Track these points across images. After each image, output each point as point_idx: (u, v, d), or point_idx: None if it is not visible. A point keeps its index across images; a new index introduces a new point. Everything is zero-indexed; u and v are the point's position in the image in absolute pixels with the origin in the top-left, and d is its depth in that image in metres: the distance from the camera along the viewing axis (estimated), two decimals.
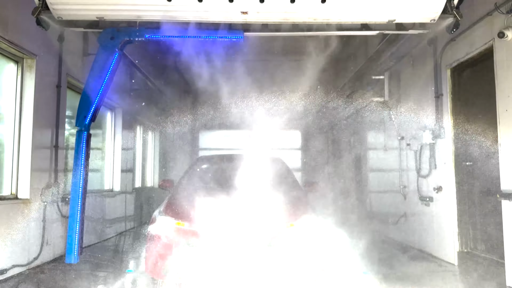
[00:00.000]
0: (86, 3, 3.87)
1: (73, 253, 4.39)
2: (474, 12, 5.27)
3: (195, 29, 4.10)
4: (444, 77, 6.09)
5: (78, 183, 4.45)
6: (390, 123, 8.33)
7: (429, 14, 3.89)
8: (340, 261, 6.01)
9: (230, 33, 4.18)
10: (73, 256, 4.36)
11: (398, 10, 3.85)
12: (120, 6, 3.89)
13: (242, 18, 3.95)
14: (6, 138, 5.28)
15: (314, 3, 3.71)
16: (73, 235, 4.43)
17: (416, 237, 7.07)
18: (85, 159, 4.48)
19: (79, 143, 4.48)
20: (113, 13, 4.00)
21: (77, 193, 4.42)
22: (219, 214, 4.40)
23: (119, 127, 9.06)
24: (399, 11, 3.85)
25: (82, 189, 4.47)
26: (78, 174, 4.44)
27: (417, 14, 3.90)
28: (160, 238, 4.33)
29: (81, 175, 4.46)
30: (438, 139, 6.21)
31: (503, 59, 4.72)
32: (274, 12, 3.88)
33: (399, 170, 7.85)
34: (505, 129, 4.67)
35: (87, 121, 4.47)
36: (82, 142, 4.46)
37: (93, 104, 4.45)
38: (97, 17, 4.04)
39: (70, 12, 3.97)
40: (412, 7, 3.83)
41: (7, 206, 4.95)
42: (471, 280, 4.98)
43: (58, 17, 4.00)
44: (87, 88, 4.50)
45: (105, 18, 4.06)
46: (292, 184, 5.65)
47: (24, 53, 5.31)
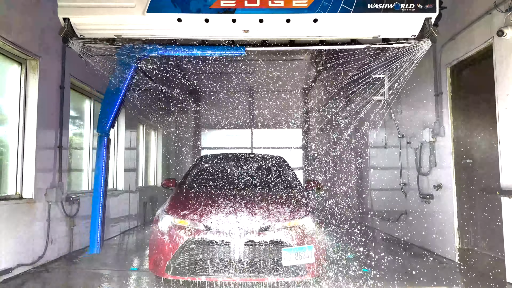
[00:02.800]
0: (105, 23, 4.41)
1: (95, 245, 4.84)
2: (473, 10, 5.31)
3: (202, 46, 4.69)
4: (444, 75, 6.13)
5: (99, 182, 4.90)
6: (390, 121, 8.37)
7: (410, 31, 4.41)
8: (340, 258, 6.07)
9: (233, 48, 4.72)
10: (95, 248, 4.83)
11: (382, 28, 4.37)
12: (136, 26, 4.44)
13: (243, 35, 4.51)
14: (10, 138, 5.35)
15: (307, 23, 4.29)
16: (96, 229, 4.87)
17: (416, 235, 7.11)
18: (106, 161, 4.96)
19: (100, 147, 4.94)
20: (129, 32, 4.55)
21: (98, 191, 4.86)
22: (222, 212, 4.45)
23: (122, 127, 9.13)
24: (383, 28, 4.38)
25: (103, 188, 4.90)
26: (99, 174, 4.91)
27: (399, 31, 4.42)
28: (164, 236, 4.39)
29: (102, 175, 4.91)
30: (438, 137, 6.25)
31: (502, 58, 4.75)
32: (272, 31, 4.44)
33: (400, 168, 7.89)
34: (505, 127, 4.71)
35: (108, 127, 4.96)
36: (103, 146, 4.93)
37: (112, 112, 4.94)
38: (115, 36, 4.59)
39: (91, 31, 4.52)
40: (394, 25, 4.35)
41: (12, 206, 5.02)
42: (471, 276, 5.03)
43: (80, 36, 4.55)
44: (106, 97, 5.02)
45: (122, 36, 4.60)
46: (293, 182, 5.70)
47: (27, 54, 5.37)
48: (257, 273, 4.20)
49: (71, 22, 4.43)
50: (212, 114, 14.38)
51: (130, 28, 4.48)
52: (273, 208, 4.56)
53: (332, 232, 8.92)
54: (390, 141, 8.54)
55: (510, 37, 4.61)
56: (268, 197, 4.92)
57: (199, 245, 4.24)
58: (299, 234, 4.33)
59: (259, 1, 4.25)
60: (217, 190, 5.35)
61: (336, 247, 7.03)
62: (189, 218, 4.42)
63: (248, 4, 4.24)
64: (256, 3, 4.25)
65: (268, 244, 4.24)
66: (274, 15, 4.27)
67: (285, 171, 5.94)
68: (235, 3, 4.26)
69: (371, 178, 10.03)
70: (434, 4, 4.28)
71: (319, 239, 4.47)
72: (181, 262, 4.26)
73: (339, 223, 10.84)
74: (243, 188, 5.46)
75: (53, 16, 5.99)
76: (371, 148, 10.09)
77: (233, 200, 4.77)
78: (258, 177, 5.73)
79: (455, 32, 5.76)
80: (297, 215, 4.51)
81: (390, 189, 8.52)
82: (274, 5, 4.23)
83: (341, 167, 13.55)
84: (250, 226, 4.28)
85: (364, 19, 4.28)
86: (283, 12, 4.25)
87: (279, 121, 14.74)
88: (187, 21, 4.34)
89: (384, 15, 4.23)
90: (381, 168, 9.26)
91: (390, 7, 4.20)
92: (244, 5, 4.24)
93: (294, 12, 4.25)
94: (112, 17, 4.35)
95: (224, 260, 4.21)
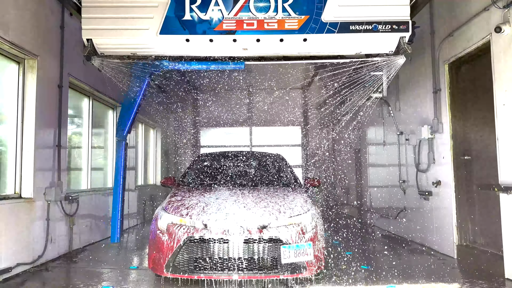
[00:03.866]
0: (123, 43, 5.12)
1: (116, 235, 5.65)
2: (471, 7, 5.31)
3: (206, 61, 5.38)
4: (442, 72, 6.13)
5: (119, 180, 5.72)
6: (388, 118, 8.38)
7: (387, 48, 5.14)
8: (339, 255, 6.09)
9: (233, 63, 5.42)
10: (116, 237, 5.64)
11: (363, 45, 5.09)
12: (149, 45, 5.11)
13: (243, 53, 5.22)
14: (9, 138, 5.35)
15: (297, 42, 5.02)
16: (116, 221, 5.64)
17: (415, 231, 7.13)
18: (124, 162, 5.77)
19: (119, 150, 5.81)
20: (143, 50, 5.23)
21: (118, 188, 5.68)
22: (221, 210, 4.46)
23: None
24: (364, 46, 5.10)
25: (122, 186, 5.68)
26: (119, 173, 5.75)
27: (378, 48, 5.14)
28: (163, 234, 4.40)
29: (121, 175, 5.72)
30: (436, 133, 6.26)
31: (500, 54, 4.76)
32: (267, 49, 5.14)
33: (398, 165, 7.90)
34: (503, 123, 4.72)
35: (125, 133, 5.76)
36: (121, 149, 5.78)
37: (129, 120, 5.75)
38: (131, 53, 5.29)
39: (110, 50, 5.23)
40: (374, 44, 5.06)
41: (11, 205, 5.02)
42: (469, 272, 5.04)
43: (101, 53, 5.25)
44: (124, 107, 5.83)
45: (137, 54, 5.30)
46: (292, 180, 5.71)
47: (25, 54, 5.37)
48: (256, 271, 4.22)
49: (93, 42, 5.13)
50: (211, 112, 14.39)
51: (144, 47, 5.15)
52: (272, 206, 4.57)
53: (331, 229, 8.94)
54: (389, 138, 8.55)
55: (507, 34, 4.61)
56: (267, 195, 4.93)
57: (198, 243, 4.25)
58: (298, 231, 4.34)
59: (256, 24, 4.97)
60: (216, 188, 5.36)
61: (335, 244, 7.05)
62: (188, 216, 4.43)
63: (247, 27, 4.97)
64: (254, 25, 4.98)
65: (267, 242, 4.25)
66: (269, 36, 5.00)
67: (284, 169, 5.95)
68: (235, 26, 4.99)
69: (370, 175, 10.05)
70: (407, 25, 4.96)
71: (317, 237, 4.48)
72: (180, 260, 4.27)
73: (338, 220, 10.87)
74: (242, 186, 5.47)
75: (51, 16, 6.01)
76: (370, 145, 10.11)
77: (232, 198, 4.78)
78: (257, 175, 5.74)
79: (453, 28, 5.76)
80: (296, 213, 4.52)
81: (388, 186, 8.53)
82: (269, 27, 4.97)
83: (340, 165, 13.57)
84: (249, 224, 4.29)
85: (347, 39, 5.00)
86: (277, 33, 4.98)
87: (278, 119, 14.76)
88: (194, 41, 5.04)
89: (364, 35, 4.95)
90: (380, 165, 9.27)
91: (369, 28, 4.93)
92: (243, 28, 4.97)
93: (286, 33, 4.98)
94: (129, 38, 5.06)
95: (223, 258, 4.22)
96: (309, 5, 4.99)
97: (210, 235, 4.25)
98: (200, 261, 4.25)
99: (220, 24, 5.01)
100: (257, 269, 4.23)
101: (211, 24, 5.01)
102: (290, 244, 4.24)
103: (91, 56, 5.22)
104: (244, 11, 5.03)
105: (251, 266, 4.22)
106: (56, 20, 6.15)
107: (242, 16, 5.02)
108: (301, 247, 4.25)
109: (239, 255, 4.21)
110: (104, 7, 5.02)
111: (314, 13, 4.99)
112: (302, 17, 4.99)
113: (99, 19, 5.02)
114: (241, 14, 5.02)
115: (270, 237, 4.26)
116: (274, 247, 4.24)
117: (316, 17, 4.99)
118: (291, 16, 4.99)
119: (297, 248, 4.24)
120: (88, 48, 5.14)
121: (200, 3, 5.03)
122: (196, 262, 4.26)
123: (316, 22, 4.99)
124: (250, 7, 5.03)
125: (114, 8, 5.02)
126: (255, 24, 4.99)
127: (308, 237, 4.37)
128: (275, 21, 5.00)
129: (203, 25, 5.02)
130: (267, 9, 5.01)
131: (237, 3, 5.03)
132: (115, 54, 5.30)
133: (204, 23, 5.03)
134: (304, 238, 4.34)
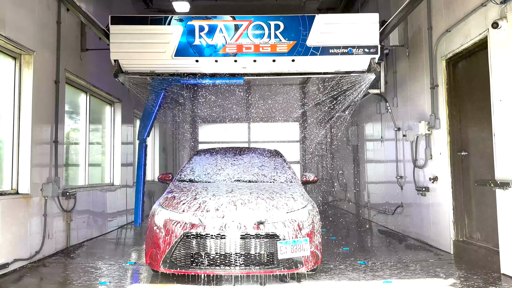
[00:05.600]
0: (144, 63, 6.22)
1: (138, 220, 6.95)
2: (469, 2, 5.30)
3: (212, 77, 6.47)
4: (440, 68, 6.13)
5: (140, 176, 7.05)
6: (386, 114, 8.38)
7: (360, 67, 6.24)
8: (336, 251, 6.10)
9: (234, 78, 6.61)
10: (138, 221, 6.95)
11: (340, 65, 6.21)
12: (166, 65, 6.25)
13: (242, 70, 6.34)
14: (5, 134, 5.33)
15: (287, 62, 6.15)
16: (138, 208, 6.98)
17: (412, 227, 7.15)
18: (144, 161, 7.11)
19: (140, 150, 7.18)
20: (160, 68, 6.33)
21: (140, 182, 7.03)
22: (218, 206, 4.46)
23: (119, 121, 9.11)
24: (341, 65, 6.23)
25: (143, 180, 6.93)
26: (140, 170, 7.12)
27: (353, 67, 6.25)
28: (160, 230, 4.40)
29: (142, 170, 7.08)
30: (433, 129, 6.27)
31: (497, 50, 4.76)
32: (262, 67, 6.26)
33: (396, 160, 7.92)
34: (499, 119, 4.73)
35: (145, 136, 7.09)
36: (143, 149, 7.14)
37: (148, 126, 7.09)
38: (150, 71, 6.36)
39: (133, 68, 6.30)
40: (349, 64, 6.18)
41: (8, 201, 5.02)
42: (466, 268, 5.06)
43: (125, 71, 6.28)
44: (144, 114, 7.14)
45: (155, 71, 6.37)
46: (289, 175, 5.71)
47: (21, 49, 5.35)
48: (252, 266, 4.23)
49: (119, 63, 6.16)
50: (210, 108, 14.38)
51: (161, 66, 6.27)
52: (269, 202, 4.58)
53: (328, 225, 8.96)
54: (386, 134, 8.56)
55: (504, 29, 4.61)
56: (264, 191, 4.93)
57: (195, 239, 4.26)
58: (294, 227, 4.35)
59: (253, 48, 6.12)
60: (213, 184, 5.36)
61: (332, 240, 7.06)
62: (185, 212, 4.43)
63: (245, 50, 6.13)
64: (251, 49, 6.13)
65: (264, 237, 4.25)
66: (263, 57, 6.13)
67: (281, 165, 5.95)
68: (236, 50, 6.13)
69: (368, 171, 10.06)
70: (376, 48, 6.07)
71: (314, 232, 4.49)
72: (177, 256, 4.27)
73: (335, 216, 10.90)
74: (239, 182, 5.47)
75: (48, 11, 5.99)
76: (367, 141, 10.11)
77: (229, 193, 4.78)
78: (254, 171, 5.74)
79: (451, 24, 5.75)
80: (292, 208, 4.52)
81: (386, 182, 8.55)
82: (264, 51, 6.13)
83: (337, 160, 13.58)
84: (245, 219, 4.30)
85: (327, 60, 6.12)
86: (270, 55, 6.12)
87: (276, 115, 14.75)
88: (202, 61, 6.17)
89: (341, 57, 6.08)
90: (377, 161, 9.29)
91: (345, 51, 6.06)
92: (243, 51, 6.14)
93: (278, 55, 6.11)
94: (149, 59, 6.17)
95: (220, 253, 4.23)
96: (296, 33, 6.07)
97: (207, 231, 4.25)
98: (197, 256, 4.26)
99: (223, 48, 6.13)
100: (253, 264, 4.23)
101: (216, 48, 6.12)
102: (287, 239, 4.25)
103: (118, 73, 6.23)
104: (243, 37, 6.12)
105: (248, 262, 4.23)
106: (52, 15, 6.13)
107: (242, 41, 6.12)
108: (298, 243, 4.26)
109: (236, 251, 4.21)
110: (129, 34, 6.08)
111: (300, 39, 6.08)
112: (291, 42, 6.09)
113: (125, 43, 6.08)
114: (241, 40, 6.12)
115: (267, 233, 4.26)
116: (271, 242, 4.25)
117: (302, 43, 6.08)
118: (281, 41, 6.10)
119: (293, 244, 4.25)
120: (115, 67, 6.16)
121: (207, 31, 6.12)
122: (193, 258, 4.26)
123: (302, 46, 6.08)
124: (248, 34, 6.11)
125: (137, 35, 6.08)
126: (252, 48, 6.12)
127: (305, 232, 4.37)
128: (269, 46, 6.11)
129: (210, 49, 6.13)
130: (262, 36, 6.11)
131: (238, 31, 6.11)
132: (137, 72, 6.36)
133: (210, 47, 6.13)
134: (301, 233, 4.34)
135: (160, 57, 6.13)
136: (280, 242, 4.22)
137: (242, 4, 10.46)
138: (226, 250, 4.22)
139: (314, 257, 4.40)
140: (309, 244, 4.32)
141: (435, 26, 6.26)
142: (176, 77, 6.49)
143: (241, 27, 6.13)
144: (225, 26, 6.13)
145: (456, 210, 5.82)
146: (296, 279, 4.52)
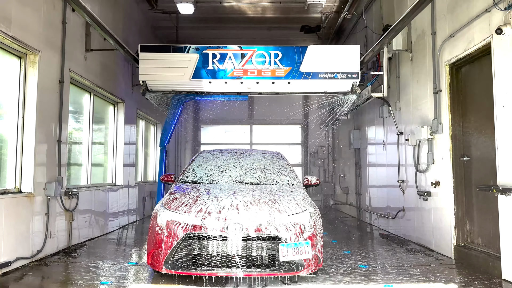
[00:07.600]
0: (167, 84, 7.65)
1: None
2: (473, 8, 5.31)
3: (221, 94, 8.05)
4: (443, 73, 6.13)
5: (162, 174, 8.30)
6: (389, 118, 8.39)
7: (344, 89, 7.68)
8: (338, 254, 6.10)
9: (240, 96, 8.38)
10: None
11: (328, 87, 7.68)
12: (184, 85, 7.68)
13: (247, 90, 7.78)
14: (9, 133, 5.36)
15: (284, 84, 7.58)
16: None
17: (414, 231, 7.15)
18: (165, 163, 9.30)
19: (162, 155, 9.54)
20: (180, 88, 7.79)
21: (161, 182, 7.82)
22: (220, 207, 4.48)
23: (122, 122, 9.14)
24: (329, 87, 7.69)
25: None
26: (161, 171, 9.35)
27: (338, 88, 7.70)
28: (162, 231, 4.42)
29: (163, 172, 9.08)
30: (436, 134, 6.27)
31: (501, 56, 4.76)
32: (264, 88, 7.70)
33: (398, 165, 7.92)
34: (502, 125, 4.73)
35: (166, 143, 9.39)
36: (164, 154, 9.46)
37: (169, 134, 9.36)
38: (171, 89, 7.80)
39: (158, 87, 7.73)
40: (335, 86, 7.63)
41: (11, 200, 5.04)
42: (467, 273, 5.06)
43: (150, 89, 7.70)
44: (165, 124, 9.39)
45: (176, 90, 7.84)
46: (291, 178, 5.72)
47: (27, 49, 5.37)
48: (254, 269, 4.24)
49: (146, 83, 7.56)
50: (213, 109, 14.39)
51: (181, 86, 7.72)
52: (271, 204, 4.59)
53: (330, 228, 8.96)
54: (389, 138, 8.56)
55: (508, 35, 4.62)
56: (266, 193, 4.94)
57: (196, 240, 4.27)
58: (296, 229, 4.36)
59: (256, 72, 7.53)
60: (215, 185, 5.37)
61: (334, 243, 7.06)
62: (187, 213, 4.45)
63: (250, 74, 7.53)
64: (255, 73, 7.53)
65: (265, 240, 4.27)
66: (265, 80, 7.55)
67: (283, 167, 5.96)
68: (242, 73, 7.54)
69: (369, 175, 10.06)
70: (357, 74, 7.51)
71: (316, 235, 4.50)
72: (179, 257, 4.29)
73: (337, 220, 10.89)
74: (241, 183, 5.48)
75: (53, 11, 6.02)
76: (370, 145, 10.11)
77: (231, 195, 4.79)
78: (257, 173, 5.75)
79: (454, 29, 5.76)
80: (294, 211, 4.53)
81: (388, 186, 8.55)
82: (265, 75, 7.54)
83: (339, 164, 13.57)
84: (247, 221, 4.31)
85: (317, 83, 7.57)
86: (270, 78, 7.54)
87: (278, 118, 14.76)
88: (215, 83, 7.58)
89: (329, 80, 7.51)
90: (379, 165, 9.29)
91: (332, 76, 7.47)
92: (248, 74, 7.53)
93: (277, 78, 7.54)
94: (171, 81, 7.59)
95: (221, 255, 4.24)
96: (291, 61, 7.49)
97: (208, 232, 4.27)
98: (199, 258, 4.28)
99: (232, 72, 7.52)
100: (255, 266, 4.24)
101: (226, 72, 7.51)
102: (289, 242, 4.26)
103: (145, 91, 7.60)
104: (248, 64, 7.52)
105: (249, 264, 4.24)
106: (58, 15, 6.16)
107: (247, 67, 7.52)
108: (299, 245, 4.27)
109: (238, 253, 4.23)
110: (154, 60, 7.47)
111: (295, 65, 7.48)
112: (287, 68, 7.49)
113: (151, 67, 7.47)
114: (246, 66, 7.52)
115: (269, 235, 4.28)
116: (272, 245, 4.26)
117: (296, 68, 7.48)
118: (279, 67, 7.51)
119: (295, 246, 4.26)
120: (143, 86, 7.55)
121: (219, 58, 7.51)
122: (194, 259, 4.28)
123: (296, 71, 7.48)
124: (252, 61, 7.52)
125: (161, 61, 7.48)
126: (256, 72, 7.51)
127: (306, 235, 4.38)
128: (269, 71, 7.51)
129: (221, 72, 7.52)
130: (263, 63, 7.51)
131: (243, 58, 7.53)
132: (160, 90, 7.78)
133: (221, 71, 7.51)
134: (303, 236, 4.35)
135: (180, 79, 7.48)
136: (281, 244, 4.23)
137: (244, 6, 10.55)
138: (228, 252, 4.23)
139: (315, 260, 4.41)
140: (311, 247, 4.33)
141: (439, 31, 6.27)
142: (192, 95, 8.05)
143: (247, 55, 7.49)
144: (234, 54, 7.49)
145: (458, 215, 5.82)
146: (297, 282, 4.52)
